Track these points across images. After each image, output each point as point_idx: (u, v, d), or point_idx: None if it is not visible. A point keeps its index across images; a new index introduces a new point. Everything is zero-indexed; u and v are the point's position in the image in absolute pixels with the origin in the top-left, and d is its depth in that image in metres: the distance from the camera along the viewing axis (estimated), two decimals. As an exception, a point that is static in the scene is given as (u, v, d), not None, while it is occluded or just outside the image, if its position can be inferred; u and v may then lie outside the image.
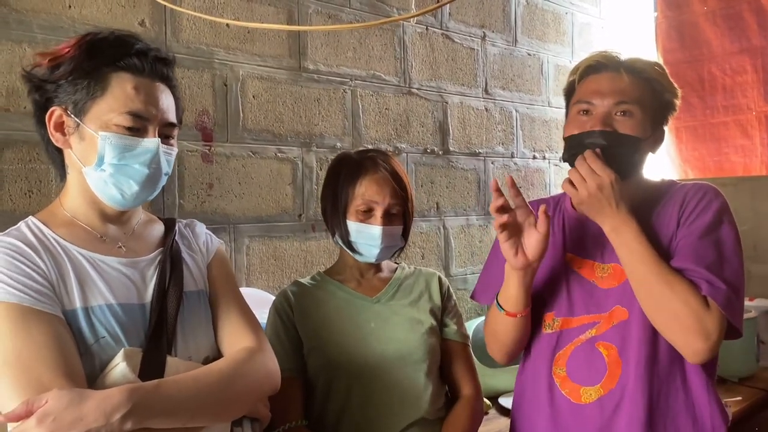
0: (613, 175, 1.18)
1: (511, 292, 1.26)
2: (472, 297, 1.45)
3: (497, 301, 1.30)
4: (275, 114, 2.19)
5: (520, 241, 1.22)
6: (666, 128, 1.32)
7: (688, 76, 3.23)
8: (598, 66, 1.30)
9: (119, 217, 1.10)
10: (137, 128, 1.03)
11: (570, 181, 1.22)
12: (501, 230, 1.20)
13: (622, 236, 1.18)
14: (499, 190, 1.20)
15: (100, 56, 1.02)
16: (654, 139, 1.29)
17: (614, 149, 1.21)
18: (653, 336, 1.19)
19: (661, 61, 3.32)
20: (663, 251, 1.19)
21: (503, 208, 1.20)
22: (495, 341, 1.36)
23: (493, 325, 1.34)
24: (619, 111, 1.23)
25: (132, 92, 1.02)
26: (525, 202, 1.23)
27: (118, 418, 0.85)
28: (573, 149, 1.26)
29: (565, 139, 1.30)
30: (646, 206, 1.27)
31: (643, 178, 1.32)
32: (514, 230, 1.22)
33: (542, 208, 1.21)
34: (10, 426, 0.86)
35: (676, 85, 1.31)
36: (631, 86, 1.25)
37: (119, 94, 1.02)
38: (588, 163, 1.20)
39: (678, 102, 1.31)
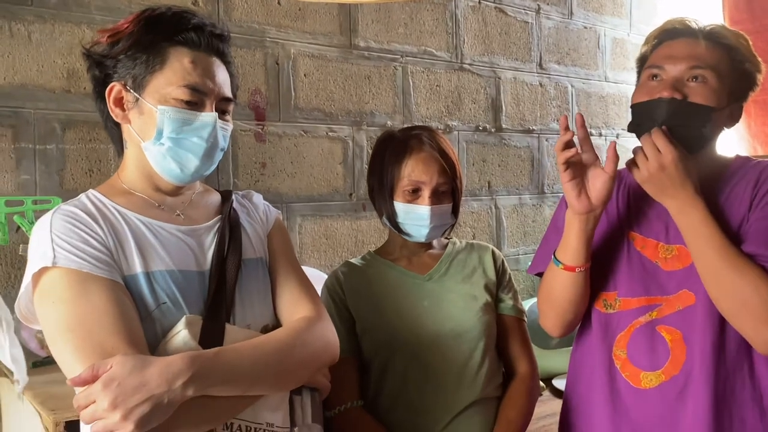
0: (676, 154, 1.11)
1: (571, 242, 1.19)
2: (528, 271, 1.40)
3: (555, 257, 1.24)
4: (326, 92, 2.18)
5: (583, 183, 1.17)
6: (743, 105, 1.24)
7: (758, 48, 2.98)
8: (674, 32, 1.22)
9: (175, 191, 1.11)
10: (195, 102, 1.03)
11: (634, 160, 1.17)
12: (565, 168, 1.16)
13: (689, 218, 1.12)
14: (568, 127, 1.15)
15: (158, 31, 1.03)
16: (729, 113, 1.20)
17: (682, 119, 1.15)
18: (720, 323, 1.14)
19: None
20: (732, 234, 1.13)
21: (570, 144, 1.15)
22: (550, 305, 1.28)
23: (548, 285, 1.27)
24: (691, 76, 1.16)
25: (189, 66, 1.02)
26: (592, 146, 1.18)
27: (180, 385, 0.86)
28: (639, 118, 1.20)
29: (632, 106, 1.24)
30: (716, 183, 1.20)
31: (714, 154, 1.24)
32: (578, 170, 1.17)
33: (612, 144, 1.16)
34: (77, 390, 0.88)
35: (759, 59, 1.22)
36: (708, 51, 1.17)
37: (177, 67, 1.02)
38: (652, 141, 1.14)
39: (761, 77, 1.22)
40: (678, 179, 1.11)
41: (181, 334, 0.95)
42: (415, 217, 1.35)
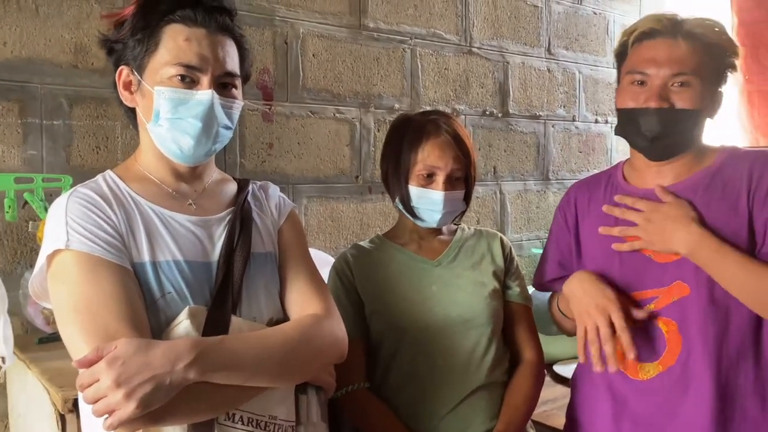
0: (685, 205, 1.16)
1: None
2: (536, 286, 1.48)
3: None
4: (334, 73, 2.16)
5: None
6: (723, 90, 1.24)
7: (765, 37, 3.02)
8: (653, 32, 1.21)
9: (191, 174, 1.10)
10: (189, 79, 1.02)
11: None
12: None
13: (703, 255, 1.13)
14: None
15: (155, 10, 1.02)
16: (712, 105, 1.22)
17: (671, 127, 1.16)
18: (723, 314, 1.14)
19: (735, 22, 3.12)
20: (733, 230, 1.14)
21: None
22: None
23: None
24: (676, 83, 1.17)
25: (184, 44, 1.01)
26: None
27: (182, 367, 0.87)
28: (626, 125, 1.22)
29: (619, 111, 1.24)
30: (706, 176, 1.20)
31: (701, 146, 1.25)
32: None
33: (628, 344, 1.16)
34: (80, 371, 0.89)
35: (736, 43, 1.22)
36: (689, 54, 1.17)
37: (171, 46, 1.01)
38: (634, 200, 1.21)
39: (738, 62, 1.23)
40: (681, 221, 1.15)
41: (183, 324, 0.96)
42: (428, 202, 1.35)
